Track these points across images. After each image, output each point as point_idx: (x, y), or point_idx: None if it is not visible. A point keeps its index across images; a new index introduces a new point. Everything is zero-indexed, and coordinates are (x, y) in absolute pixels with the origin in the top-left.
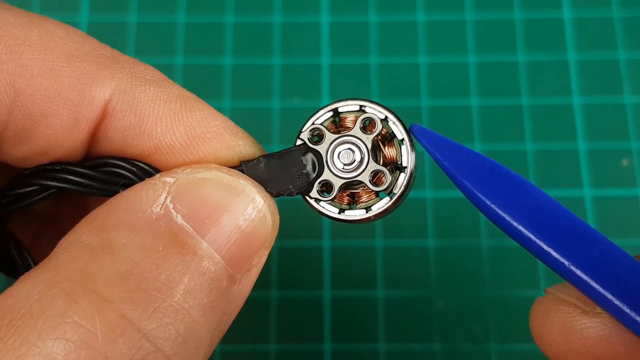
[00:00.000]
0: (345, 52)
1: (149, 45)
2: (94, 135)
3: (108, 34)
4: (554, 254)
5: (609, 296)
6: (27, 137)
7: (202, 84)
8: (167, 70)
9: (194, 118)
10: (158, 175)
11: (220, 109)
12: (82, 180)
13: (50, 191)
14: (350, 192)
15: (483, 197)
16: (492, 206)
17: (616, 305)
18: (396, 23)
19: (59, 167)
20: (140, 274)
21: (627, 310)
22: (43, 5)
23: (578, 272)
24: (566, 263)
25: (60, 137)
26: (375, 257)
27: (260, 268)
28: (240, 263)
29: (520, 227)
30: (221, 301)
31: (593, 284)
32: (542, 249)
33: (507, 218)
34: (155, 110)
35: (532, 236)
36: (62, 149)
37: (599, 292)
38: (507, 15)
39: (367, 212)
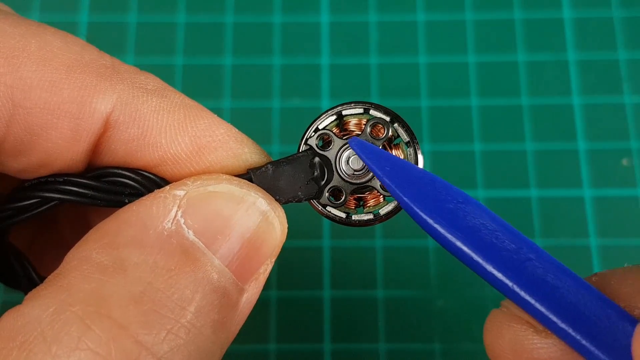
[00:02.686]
0: (345, 52)
1: (149, 45)
2: (97, 147)
3: (108, 34)
4: (497, 274)
5: (554, 318)
6: (26, 149)
7: (202, 84)
8: (167, 70)
9: (198, 127)
10: (168, 187)
11: (220, 109)
12: (85, 192)
13: (52, 203)
14: (357, 196)
15: (425, 216)
16: (435, 225)
17: (562, 329)
18: (396, 23)
19: (61, 179)
20: (154, 294)
21: (574, 334)
22: (43, 5)
23: (522, 293)
24: (509, 284)
25: (61, 149)
26: (375, 257)
27: (267, 275)
28: (249, 274)
29: (463, 247)
30: (231, 315)
31: (538, 305)
32: (485, 269)
33: (449, 237)
34: (158, 122)
35: (474, 255)
36: (62, 162)
37: (544, 314)
38: (507, 15)
39: (374, 215)
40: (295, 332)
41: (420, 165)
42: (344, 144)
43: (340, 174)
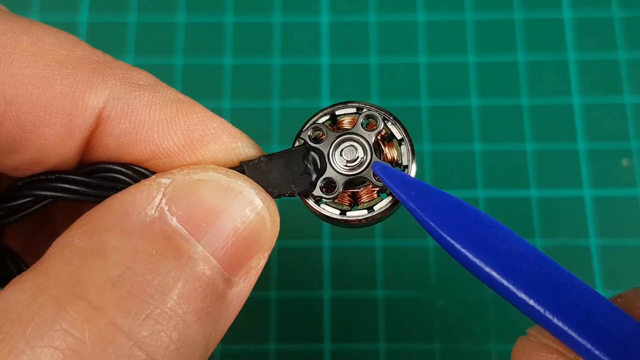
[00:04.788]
0: (345, 52)
1: (149, 45)
2: (89, 143)
3: (108, 34)
4: (529, 300)
5: (588, 345)
6: (19, 146)
7: (202, 84)
8: (167, 70)
9: (190, 122)
10: (154, 176)
11: (220, 109)
12: (78, 188)
13: (46, 201)
14: (352, 192)
15: (452, 241)
16: (462, 250)
17: (597, 356)
18: (396, 23)
19: (53, 177)
20: (132, 279)
21: None
22: (43, 5)
23: (555, 320)
24: (541, 310)
25: (53, 146)
26: (375, 257)
27: (260, 270)
28: (238, 266)
29: (492, 272)
30: (217, 306)
31: (571, 332)
32: (516, 295)
33: (478, 263)
34: (151, 116)
35: (504, 282)
36: (55, 158)
37: (578, 341)
38: (507, 15)
39: (369, 212)
40: (295, 332)
41: (413, 162)
42: (337, 137)
43: (334, 166)
